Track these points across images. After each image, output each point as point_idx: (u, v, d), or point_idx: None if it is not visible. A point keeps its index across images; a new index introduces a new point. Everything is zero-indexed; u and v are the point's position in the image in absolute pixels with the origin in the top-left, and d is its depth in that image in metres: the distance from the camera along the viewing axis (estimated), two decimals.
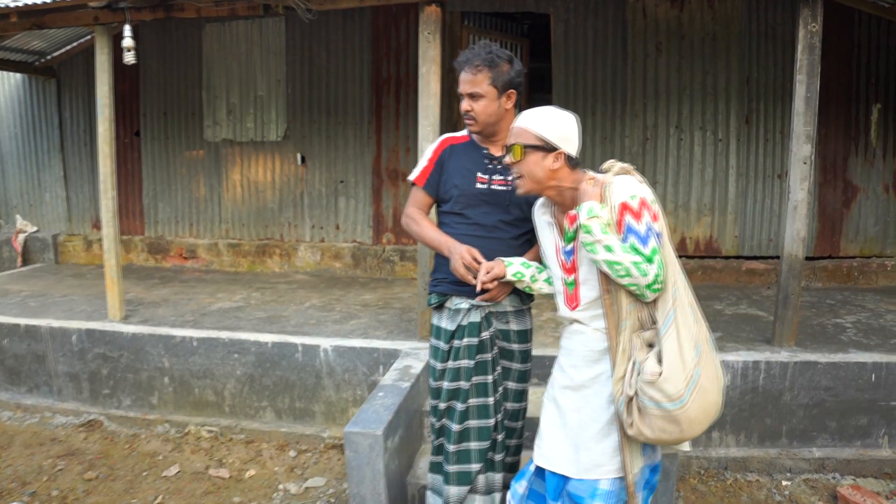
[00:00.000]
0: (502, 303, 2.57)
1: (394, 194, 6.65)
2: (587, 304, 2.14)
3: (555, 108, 2.19)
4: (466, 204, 2.54)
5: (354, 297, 5.65)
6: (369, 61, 6.54)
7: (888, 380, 3.93)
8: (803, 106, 3.93)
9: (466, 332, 2.53)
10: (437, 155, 2.62)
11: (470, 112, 2.48)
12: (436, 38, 4.05)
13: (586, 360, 2.17)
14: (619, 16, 6.16)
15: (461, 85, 2.47)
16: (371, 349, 4.15)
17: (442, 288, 2.61)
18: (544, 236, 2.34)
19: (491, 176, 2.54)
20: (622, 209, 1.97)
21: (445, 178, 2.58)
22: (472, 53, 2.45)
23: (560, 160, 2.09)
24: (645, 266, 1.91)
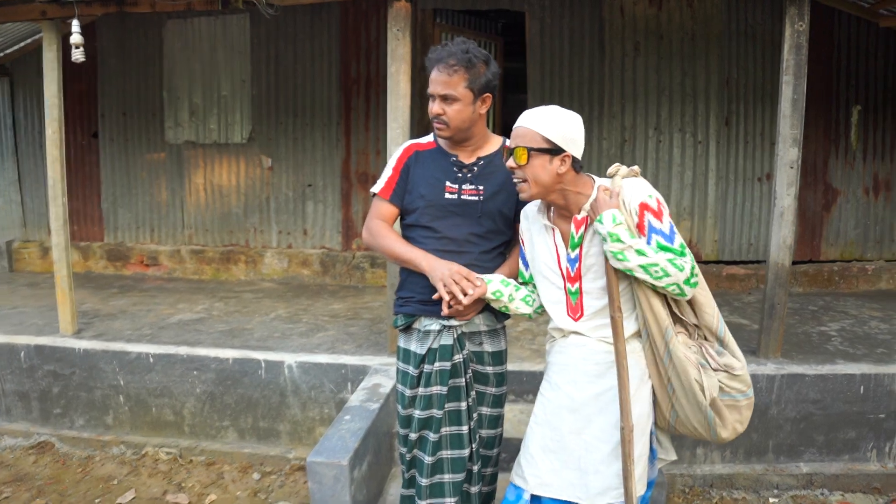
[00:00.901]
0: (474, 322, 2.36)
1: (363, 198, 6.41)
2: (592, 314, 2.05)
3: (558, 107, 2.03)
4: (434, 216, 2.31)
5: (322, 307, 5.40)
6: (338, 61, 6.29)
7: (877, 392, 3.82)
8: (790, 108, 3.78)
9: (438, 355, 2.32)
10: (402, 163, 2.38)
11: (441, 116, 2.23)
12: (405, 36, 3.83)
13: (589, 375, 2.06)
14: (596, 14, 5.98)
15: (432, 85, 2.23)
16: (339, 365, 3.91)
17: (409, 308, 2.38)
18: (539, 243, 2.16)
19: (460, 185, 2.31)
20: (642, 209, 1.93)
21: (411, 187, 2.35)
22: (447, 51, 2.21)
23: (567, 163, 1.96)
24: (679, 261, 1.88)
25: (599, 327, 2.06)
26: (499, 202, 2.33)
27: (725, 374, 2.00)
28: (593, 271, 2.03)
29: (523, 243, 2.27)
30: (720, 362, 2.01)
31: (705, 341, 2.06)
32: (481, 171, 2.32)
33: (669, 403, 2.05)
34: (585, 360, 2.08)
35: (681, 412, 2.02)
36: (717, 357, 2.01)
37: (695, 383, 1.95)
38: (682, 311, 2.03)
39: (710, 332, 2.05)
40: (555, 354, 2.18)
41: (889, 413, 3.83)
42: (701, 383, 1.96)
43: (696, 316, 2.04)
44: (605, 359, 2.05)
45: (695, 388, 1.95)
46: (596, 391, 2.06)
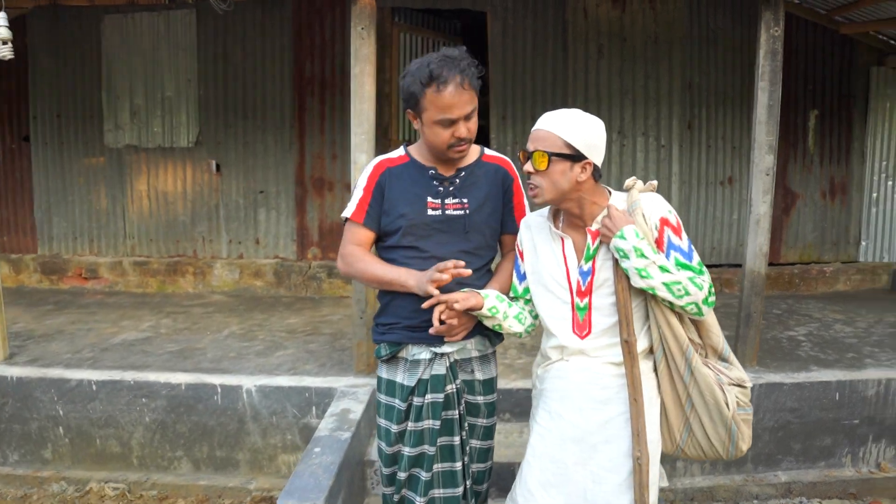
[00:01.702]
0: (466, 347, 2.16)
1: (319, 205, 6.12)
2: (600, 332, 1.93)
3: (580, 111, 1.90)
4: (418, 235, 2.09)
5: (279, 322, 5.09)
6: (291, 60, 5.98)
7: (851, 398, 3.82)
8: (766, 115, 3.71)
9: (430, 386, 2.11)
10: (374, 182, 2.13)
11: (466, 137, 2.01)
12: (370, 35, 3.59)
13: (595, 401, 1.93)
14: (560, 16, 5.87)
15: (453, 109, 1.93)
16: (302, 388, 3.64)
17: (395, 336, 2.15)
18: (545, 253, 2.02)
19: (443, 200, 2.10)
20: (662, 225, 1.86)
21: (388, 207, 2.11)
22: (454, 62, 1.94)
23: (588, 171, 1.86)
24: (699, 279, 1.83)
25: (606, 347, 1.94)
26: (485, 215, 2.15)
27: (739, 388, 1.95)
28: (606, 286, 1.92)
29: (521, 255, 2.11)
30: (731, 376, 1.96)
31: (707, 358, 1.99)
32: (463, 182, 2.13)
33: (684, 422, 1.96)
34: (591, 385, 1.95)
35: (698, 431, 1.95)
36: (727, 371, 1.97)
37: (721, 400, 1.89)
38: (687, 330, 1.94)
39: (715, 353, 1.99)
40: (552, 380, 2.02)
41: (862, 419, 3.84)
42: (725, 398, 1.90)
43: (700, 336, 1.98)
44: (612, 383, 1.94)
45: (720, 402, 1.89)
46: (602, 419, 1.94)
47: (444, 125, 1.98)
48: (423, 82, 1.94)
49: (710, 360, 1.97)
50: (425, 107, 1.97)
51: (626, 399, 1.93)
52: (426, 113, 1.98)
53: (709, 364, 1.94)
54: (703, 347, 1.98)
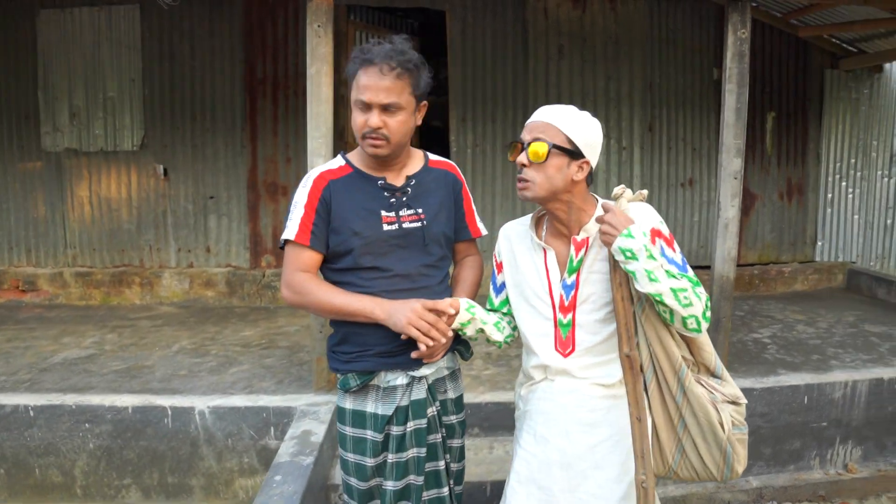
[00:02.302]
0: (440, 366, 2.01)
1: (273, 211, 5.86)
2: (584, 350, 1.81)
3: (577, 108, 1.79)
4: (377, 253, 1.91)
5: (232, 334, 4.84)
6: (242, 59, 5.72)
7: (819, 401, 3.81)
8: (733, 117, 3.66)
9: (411, 413, 1.95)
10: (316, 198, 1.90)
11: (381, 129, 1.82)
12: (327, 33, 3.40)
13: (582, 424, 1.82)
14: (520, 15, 5.76)
15: (368, 91, 1.80)
16: (259, 408, 3.42)
17: (365, 364, 1.95)
18: (525, 264, 1.89)
19: (398, 212, 1.93)
20: (654, 236, 1.72)
21: (337, 225, 1.90)
22: (385, 51, 1.81)
23: (584, 171, 1.75)
24: (699, 290, 1.70)
25: (591, 367, 1.82)
26: (441, 224, 2.00)
27: (733, 406, 1.82)
28: (591, 301, 1.80)
29: (500, 266, 1.98)
30: (726, 393, 1.82)
31: (699, 375, 1.86)
32: (415, 191, 1.97)
33: (676, 443, 1.83)
34: (578, 407, 1.83)
35: (691, 452, 1.82)
36: (721, 388, 1.83)
37: (715, 421, 1.76)
38: (679, 347, 1.81)
39: (707, 370, 1.86)
40: (536, 402, 1.90)
41: (830, 421, 3.84)
42: (720, 418, 1.77)
43: (691, 353, 1.84)
44: (600, 405, 1.82)
45: (714, 423, 1.76)
46: (591, 442, 1.83)
47: (359, 108, 1.84)
48: (357, 62, 1.83)
49: (703, 376, 1.84)
50: (351, 88, 1.86)
51: (614, 422, 1.82)
52: (351, 94, 1.86)
53: (702, 381, 1.82)
54: (694, 364, 1.85)
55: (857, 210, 6.47)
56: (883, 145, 6.46)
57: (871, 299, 5.93)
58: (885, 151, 6.48)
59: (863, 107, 6.33)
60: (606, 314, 1.80)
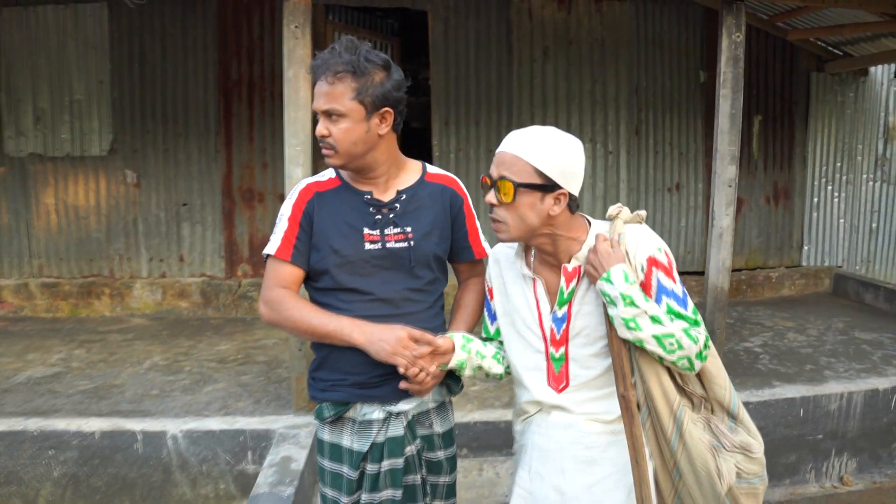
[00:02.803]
0: (423, 400, 1.85)
1: (249, 218, 5.65)
2: (579, 385, 1.66)
3: (555, 130, 1.59)
4: (357, 274, 1.75)
5: (207, 349, 4.63)
6: (216, 60, 5.50)
7: (815, 413, 3.75)
8: (728, 123, 3.55)
9: (387, 451, 1.78)
10: (301, 210, 1.77)
11: (327, 138, 1.69)
12: (305, 34, 3.22)
13: (579, 461, 1.66)
14: (504, 16, 5.62)
15: (315, 98, 1.70)
16: (235, 432, 3.23)
17: (340, 394, 1.79)
18: (515, 294, 1.73)
19: (382, 230, 1.76)
20: (650, 265, 1.58)
21: (318, 241, 1.76)
22: (331, 54, 1.67)
23: (562, 203, 1.56)
24: (694, 331, 1.55)
25: (587, 402, 1.66)
26: (432, 244, 1.82)
27: (743, 456, 1.64)
28: (584, 335, 1.64)
29: (491, 293, 1.82)
30: (735, 441, 1.64)
31: (712, 414, 1.69)
32: (405, 207, 1.79)
33: (673, 491, 1.67)
34: (574, 444, 1.67)
35: (688, 502, 1.65)
36: (731, 435, 1.65)
37: (713, 471, 1.59)
38: (686, 382, 1.67)
39: (721, 407, 1.69)
40: (531, 435, 1.74)
41: (826, 433, 3.78)
42: (719, 470, 1.59)
43: (703, 388, 1.69)
44: (598, 441, 1.66)
45: (713, 476, 1.58)
46: (588, 482, 1.67)
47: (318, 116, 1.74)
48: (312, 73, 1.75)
49: (716, 416, 1.68)
50: None
51: (614, 459, 1.66)
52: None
53: (712, 424, 1.66)
54: (707, 401, 1.69)
55: (842, 214, 6.43)
56: (868, 149, 6.43)
57: (859, 304, 5.88)
58: (869, 155, 6.45)
59: (848, 110, 6.30)
60: (602, 347, 1.64)
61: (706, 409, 1.69)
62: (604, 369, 1.65)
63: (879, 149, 6.46)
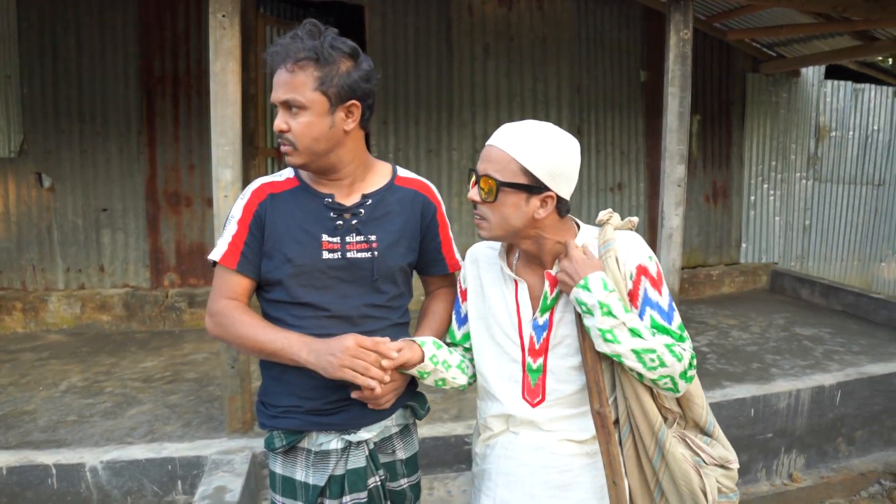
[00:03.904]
0: (387, 425, 1.68)
1: (176, 223, 5.29)
2: (555, 400, 1.54)
3: (551, 126, 1.45)
4: (311, 286, 1.56)
5: (131, 366, 4.27)
6: (137, 55, 5.11)
7: (765, 412, 3.75)
8: (676, 122, 3.49)
9: (348, 485, 1.61)
10: (251, 213, 1.58)
11: (286, 133, 1.50)
12: (234, 24, 2.96)
13: (550, 487, 1.54)
14: (444, 12, 5.46)
15: (273, 89, 1.51)
16: (163, 460, 2.93)
17: (292, 421, 1.60)
18: (494, 297, 1.59)
19: (343, 237, 1.57)
20: (639, 274, 1.48)
21: (270, 248, 1.57)
22: (292, 39, 1.48)
23: (549, 206, 1.45)
24: (678, 348, 1.45)
25: (561, 419, 1.54)
26: (398, 256, 1.64)
27: (722, 471, 1.58)
28: (565, 345, 1.53)
29: (464, 294, 1.67)
30: (714, 455, 1.58)
31: (685, 430, 1.61)
32: (370, 214, 1.61)
33: None
34: (546, 469, 1.54)
35: None
36: (709, 448, 1.59)
37: (697, 490, 1.50)
38: (662, 399, 1.57)
39: (697, 427, 1.62)
40: (496, 459, 1.60)
41: (775, 432, 3.79)
42: (703, 485, 1.52)
43: (680, 406, 1.60)
44: (572, 464, 1.54)
45: (696, 492, 1.51)
46: None
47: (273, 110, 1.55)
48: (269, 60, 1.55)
49: (690, 432, 1.60)
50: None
51: (589, 483, 1.55)
52: None
53: (687, 439, 1.57)
54: (682, 418, 1.60)
55: (778, 212, 6.57)
56: (801, 148, 6.59)
57: (796, 300, 6.01)
58: (802, 154, 6.61)
59: (782, 110, 6.43)
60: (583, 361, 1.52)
61: (679, 426, 1.61)
62: (582, 384, 1.53)
63: (811, 148, 6.64)
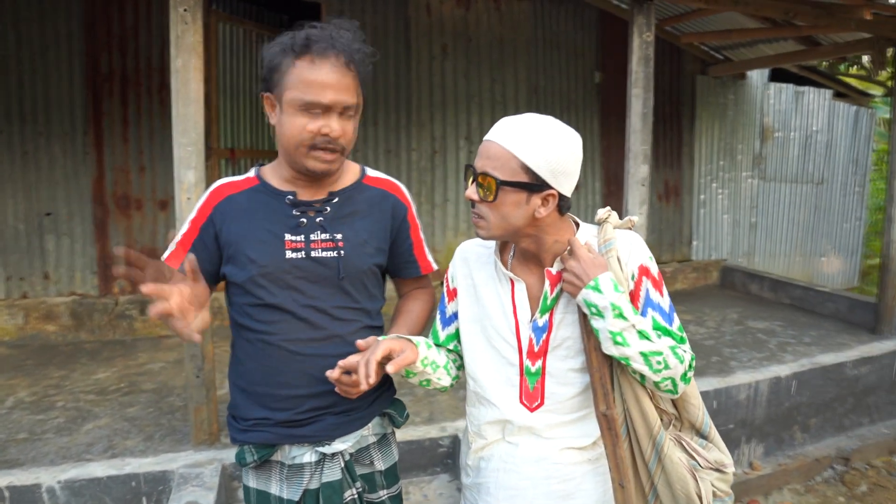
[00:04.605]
0: (363, 435, 1.62)
1: (126, 228, 5.06)
2: (554, 404, 1.49)
3: (553, 121, 1.40)
4: (276, 287, 1.49)
5: (83, 379, 4.06)
6: (82, 51, 4.87)
7: (727, 404, 3.86)
8: (639, 123, 3.55)
9: (322, 499, 1.54)
10: (205, 214, 1.53)
11: (340, 139, 1.44)
12: (196, 19, 2.85)
13: (553, 497, 1.49)
14: (402, 12, 5.41)
15: (324, 91, 1.39)
16: (125, 477, 2.78)
17: (263, 434, 1.53)
18: (488, 297, 1.54)
19: (307, 236, 1.51)
20: (641, 275, 1.44)
21: (233, 252, 1.50)
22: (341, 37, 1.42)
23: (550, 204, 1.39)
24: (680, 350, 1.41)
25: (560, 425, 1.50)
26: (366, 256, 1.58)
27: (717, 475, 1.56)
28: (565, 347, 1.47)
29: (452, 294, 1.61)
30: (710, 458, 1.56)
31: (680, 433, 1.60)
32: (336, 211, 1.55)
33: None
34: (548, 480, 1.49)
35: None
36: (704, 452, 1.57)
37: (693, 494, 1.48)
38: (658, 401, 1.55)
39: (693, 428, 1.60)
40: (494, 473, 1.54)
41: (736, 422, 3.89)
42: (699, 489, 1.49)
43: (676, 408, 1.58)
44: (574, 473, 1.50)
45: (692, 496, 1.48)
46: None
47: (309, 112, 1.41)
48: (296, 49, 1.39)
49: (686, 435, 1.58)
50: (290, 83, 1.41)
51: (591, 490, 1.52)
52: (289, 93, 1.41)
53: (683, 441, 1.56)
54: (678, 420, 1.59)
55: (726, 210, 6.78)
56: (747, 148, 6.82)
57: (746, 295, 6.21)
58: (748, 154, 6.84)
59: (729, 112, 6.64)
60: (583, 363, 1.49)
61: (674, 427, 1.59)
62: (583, 387, 1.49)
63: (756, 148, 6.88)
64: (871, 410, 4.42)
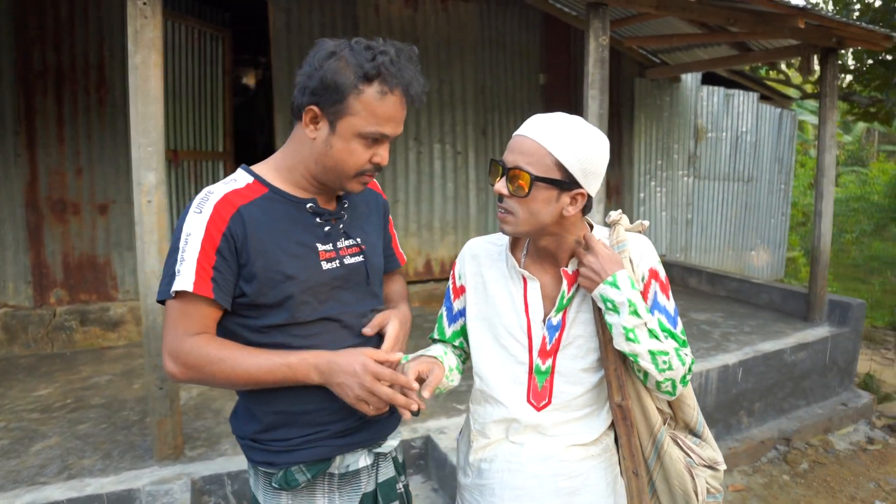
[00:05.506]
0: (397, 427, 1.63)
1: (62, 234, 4.78)
2: (562, 403, 1.49)
3: (581, 120, 1.40)
4: (315, 301, 1.41)
5: (23, 396, 3.80)
6: (11, 45, 4.56)
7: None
8: (596, 123, 3.65)
9: (381, 498, 1.54)
10: (220, 233, 1.34)
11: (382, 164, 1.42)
12: (156, 13, 2.72)
13: (561, 494, 1.49)
14: (350, 11, 5.34)
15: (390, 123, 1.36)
16: (87, 499, 2.62)
17: (318, 450, 1.44)
18: (499, 295, 1.54)
19: (335, 243, 1.46)
20: (651, 277, 1.47)
21: (259, 270, 1.35)
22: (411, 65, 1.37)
23: (578, 204, 1.40)
24: (683, 352, 1.44)
25: (567, 423, 1.50)
26: (379, 256, 1.60)
27: (711, 472, 1.62)
28: (576, 346, 1.49)
29: (459, 290, 1.61)
30: (703, 456, 1.62)
31: (675, 431, 1.64)
32: (351, 216, 1.53)
33: None
34: (555, 477, 1.49)
35: None
36: (698, 449, 1.63)
37: (689, 487, 1.54)
38: (655, 401, 1.59)
39: (688, 428, 1.64)
40: (499, 474, 1.53)
41: None
42: (695, 486, 1.55)
43: (672, 408, 1.62)
44: (580, 469, 1.51)
45: (689, 492, 1.54)
46: None
47: (368, 143, 1.35)
48: (367, 75, 1.30)
49: (680, 434, 1.62)
50: (354, 110, 1.32)
51: (595, 485, 1.53)
52: (352, 119, 1.32)
53: (678, 440, 1.60)
54: (673, 419, 1.63)
55: (664, 207, 7.03)
56: (682, 148, 7.10)
57: (685, 288, 6.46)
58: (683, 153, 7.13)
59: (665, 113, 6.90)
60: (593, 362, 1.50)
61: (669, 426, 1.63)
62: (590, 386, 1.51)
63: (691, 148, 7.17)
64: (808, 393, 4.69)
